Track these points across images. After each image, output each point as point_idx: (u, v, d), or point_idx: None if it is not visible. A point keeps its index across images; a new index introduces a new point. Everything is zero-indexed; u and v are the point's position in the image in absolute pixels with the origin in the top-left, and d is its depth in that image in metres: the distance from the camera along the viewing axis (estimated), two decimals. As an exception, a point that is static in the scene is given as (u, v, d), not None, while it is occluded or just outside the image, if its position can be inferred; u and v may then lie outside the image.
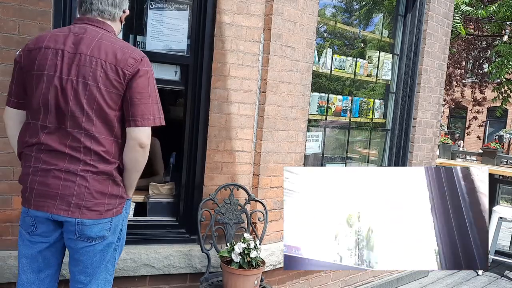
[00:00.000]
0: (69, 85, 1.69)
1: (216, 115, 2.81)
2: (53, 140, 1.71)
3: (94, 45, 1.71)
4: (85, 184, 1.72)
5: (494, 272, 4.81)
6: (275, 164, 3.03)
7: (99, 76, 1.69)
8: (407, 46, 4.11)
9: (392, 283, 4.12)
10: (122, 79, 1.71)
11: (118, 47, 1.74)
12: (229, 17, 2.78)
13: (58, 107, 1.70)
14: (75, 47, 1.71)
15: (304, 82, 3.15)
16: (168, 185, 3.02)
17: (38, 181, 1.72)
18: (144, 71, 1.75)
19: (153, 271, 2.66)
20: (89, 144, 1.71)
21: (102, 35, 1.76)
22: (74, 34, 1.74)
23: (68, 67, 1.69)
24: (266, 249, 2.91)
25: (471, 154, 11.59)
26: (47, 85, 1.70)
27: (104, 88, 1.70)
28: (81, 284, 1.85)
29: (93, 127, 1.71)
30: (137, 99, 1.73)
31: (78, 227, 1.74)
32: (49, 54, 1.71)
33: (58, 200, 1.71)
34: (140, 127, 1.74)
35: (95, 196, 1.74)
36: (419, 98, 4.14)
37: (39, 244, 1.80)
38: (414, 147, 4.19)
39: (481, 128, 18.52)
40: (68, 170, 1.71)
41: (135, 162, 1.80)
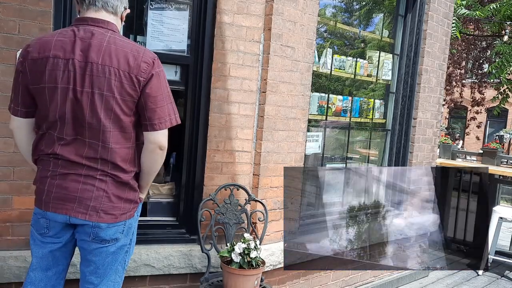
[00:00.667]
0: (85, 97, 1.66)
1: (216, 115, 2.81)
2: (69, 152, 1.71)
3: (104, 51, 1.67)
4: (103, 187, 1.73)
5: (494, 272, 4.81)
6: (275, 164, 3.03)
7: (114, 85, 1.66)
8: (407, 46, 4.11)
9: (392, 283, 4.12)
10: (137, 86, 1.70)
11: (129, 51, 1.70)
12: (229, 17, 2.78)
13: (75, 119, 1.69)
14: (84, 55, 1.66)
15: (304, 82, 3.15)
16: (168, 185, 3.02)
17: (57, 184, 1.73)
18: (157, 74, 1.73)
19: (153, 271, 2.66)
20: (106, 155, 1.72)
21: (109, 37, 1.71)
22: (81, 40, 1.68)
23: (81, 78, 1.65)
24: (266, 249, 2.91)
25: (471, 154, 11.60)
26: (63, 98, 1.67)
27: (120, 97, 1.68)
28: (91, 285, 1.85)
29: (111, 137, 1.71)
30: (152, 103, 1.72)
31: (94, 229, 1.75)
32: (60, 65, 1.65)
33: (76, 203, 1.72)
34: (159, 130, 1.75)
35: (112, 200, 1.75)
36: (419, 98, 4.14)
37: (51, 245, 1.82)
38: (414, 147, 4.19)
39: (480, 129, 18.50)
40: (87, 174, 1.72)
41: (154, 164, 1.82)
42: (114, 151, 1.72)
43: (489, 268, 4.87)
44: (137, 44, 1.80)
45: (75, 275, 2.26)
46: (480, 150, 12.50)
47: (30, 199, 2.33)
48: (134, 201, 1.84)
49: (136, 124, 1.77)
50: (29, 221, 2.34)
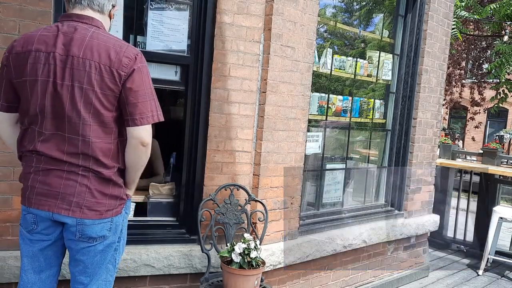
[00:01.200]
0: (65, 90, 1.66)
1: (216, 115, 2.81)
2: (50, 148, 1.70)
3: (85, 46, 1.66)
4: (86, 183, 1.72)
5: (494, 272, 4.81)
6: (276, 164, 3.03)
7: (94, 79, 1.65)
8: (407, 46, 4.11)
9: (392, 283, 4.12)
10: (117, 81, 1.68)
11: (111, 46, 1.69)
12: (229, 17, 2.78)
13: (55, 113, 1.68)
14: (66, 49, 1.66)
15: (304, 82, 3.15)
16: (168, 185, 3.01)
17: (40, 180, 1.72)
18: (139, 69, 1.71)
19: (153, 271, 2.65)
20: (87, 150, 1.70)
21: (92, 33, 1.70)
22: (64, 34, 1.68)
23: (61, 71, 1.65)
24: (266, 249, 2.91)
25: (471, 154, 11.59)
26: (43, 91, 1.67)
27: (100, 91, 1.67)
28: (81, 285, 1.84)
29: (91, 131, 1.69)
30: (134, 98, 1.70)
31: (79, 227, 1.74)
32: (41, 58, 1.66)
33: (59, 199, 1.71)
34: (140, 125, 1.73)
35: (95, 196, 1.73)
36: (419, 98, 4.14)
37: (40, 243, 1.80)
38: (414, 147, 4.19)
39: (477, 130, 18.50)
40: (69, 170, 1.71)
41: (138, 160, 1.80)
42: (95, 146, 1.70)
43: (489, 268, 4.87)
44: (121, 40, 1.78)
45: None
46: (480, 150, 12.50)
47: (30, 199, 2.33)
48: (119, 197, 1.81)
49: (118, 120, 1.75)
50: (29, 221, 2.34)
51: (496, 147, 8.51)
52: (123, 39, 2.57)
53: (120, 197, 1.82)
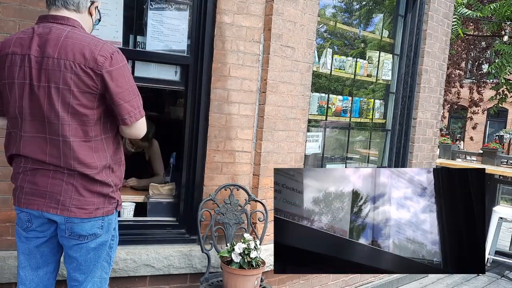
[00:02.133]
0: (42, 91, 1.65)
1: (216, 115, 2.81)
2: (32, 151, 1.71)
3: (60, 46, 1.64)
4: (72, 181, 1.72)
5: (494, 272, 4.80)
6: (275, 164, 3.03)
7: (69, 78, 1.63)
8: (407, 46, 4.11)
9: (392, 283, 4.12)
10: (95, 79, 1.65)
11: (86, 45, 1.66)
12: (229, 17, 2.78)
13: (34, 115, 1.68)
14: (41, 50, 1.65)
15: (304, 82, 3.15)
16: (169, 186, 3.02)
17: (28, 180, 1.74)
18: (116, 69, 1.68)
19: (153, 271, 2.65)
20: (68, 150, 1.69)
21: (67, 32, 1.68)
22: (39, 36, 1.67)
23: (37, 73, 1.65)
24: (266, 249, 2.91)
25: (471, 154, 11.60)
26: (20, 93, 1.67)
27: (77, 90, 1.65)
28: (76, 282, 1.85)
29: (70, 131, 1.68)
30: (120, 98, 1.69)
31: (68, 225, 1.74)
32: (17, 60, 1.66)
33: (47, 198, 1.72)
34: (130, 124, 1.74)
35: (82, 194, 1.73)
36: (419, 98, 4.14)
37: (36, 240, 1.81)
38: (414, 147, 4.19)
39: (476, 130, 18.51)
40: (56, 170, 1.71)
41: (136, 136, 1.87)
42: (76, 145, 1.69)
43: (489, 268, 4.87)
44: (97, 38, 1.73)
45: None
46: (480, 150, 12.50)
47: (30, 199, 2.33)
48: (108, 195, 1.79)
49: (100, 118, 1.73)
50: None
51: (496, 147, 8.51)
52: (123, 39, 2.59)
53: (108, 195, 1.79)
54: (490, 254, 4.83)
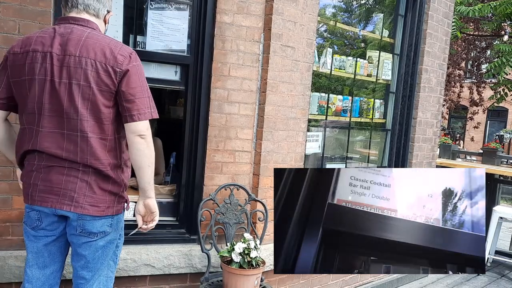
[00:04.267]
0: (63, 87, 1.70)
1: (216, 115, 2.81)
2: (49, 146, 1.73)
3: (81, 45, 1.71)
4: (86, 179, 1.76)
5: (494, 272, 4.80)
6: (275, 164, 3.03)
7: (90, 75, 1.70)
8: (407, 46, 4.11)
9: (392, 283, 4.12)
10: (113, 77, 1.72)
11: (106, 44, 1.75)
12: (229, 17, 2.78)
13: (52, 111, 1.72)
14: (62, 49, 1.71)
15: (304, 82, 3.15)
16: (169, 187, 3.02)
17: (42, 178, 1.76)
18: (134, 67, 1.76)
19: (153, 271, 2.66)
20: (85, 146, 1.73)
21: (88, 33, 1.76)
22: (60, 35, 1.73)
23: (59, 70, 1.70)
24: (266, 249, 2.91)
25: (471, 154, 11.59)
26: (40, 90, 1.71)
27: (97, 87, 1.71)
28: (83, 280, 1.86)
29: (88, 127, 1.73)
30: (132, 94, 1.75)
31: (80, 221, 1.77)
32: (38, 57, 1.71)
33: (61, 195, 1.74)
34: (138, 121, 1.76)
35: (95, 192, 1.77)
36: (419, 98, 4.14)
37: (45, 238, 1.83)
38: (414, 147, 4.19)
39: (476, 130, 18.49)
40: (70, 167, 1.75)
41: (142, 156, 1.79)
42: (93, 141, 1.74)
43: (489, 268, 4.87)
44: (116, 40, 1.83)
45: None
46: (480, 150, 12.50)
47: (30, 199, 2.33)
48: (118, 194, 1.84)
49: (115, 117, 1.79)
50: (29, 221, 2.34)
51: (496, 147, 8.50)
52: (123, 39, 2.60)
53: (118, 194, 1.85)
54: (490, 254, 4.83)
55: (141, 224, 1.96)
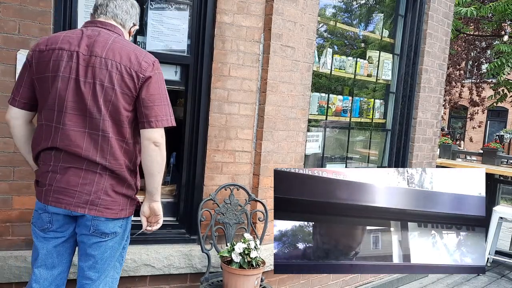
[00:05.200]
0: (87, 87, 1.73)
1: (216, 115, 2.81)
2: (69, 143, 1.74)
3: (108, 48, 1.76)
4: (103, 182, 1.78)
5: (494, 272, 4.80)
6: (275, 164, 3.03)
7: (114, 78, 1.74)
8: (407, 46, 4.11)
9: (393, 283, 4.12)
10: (136, 82, 1.77)
11: (131, 50, 1.80)
12: (229, 17, 2.78)
13: (75, 109, 1.74)
14: (89, 49, 1.75)
15: (304, 82, 3.15)
16: (169, 187, 3.02)
17: (58, 179, 1.76)
18: (156, 74, 1.81)
19: (153, 271, 2.66)
20: (106, 145, 1.76)
21: (115, 38, 1.81)
22: (88, 37, 1.78)
23: (84, 69, 1.74)
24: (266, 249, 2.91)
25: (471, 154, 11.60)
26: (63, 87, 1.73)
27: (119, 90, 1.75)
28: (89, 280, 1.87)
29: (109, 128, 1.76)
30: (151, 101, 1.79)
31: (94, 222, 1.79)
32: (64, 56, 1.75)
33: (76, 197, 1.76)
34: (155, 128, 1.79)
35: (110, 195, 1.80)
36: (419, 98, 4.14)
37: (54, 240, 1.84)
38: (414, 147, 4.19)
39: (476, 130, 18.49)
40: (87, 169, 1.76)
41: (154, 162, 1.84)
42: (113, 142, 1.77)
43: (489, 268, 4.87)
44: (140, 47, 1.90)
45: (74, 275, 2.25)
46: (480, 150, 12.49)
47: (30, 199, 2.33)
48: (131, 197, 1.88)
49: (132, 121, 1.82)
50: (29, 221, 2.34)
51: (496, 147, 8.50)
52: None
53: (132, 197, 1.89)
54: (490, 254, 4.83)
55: (145, 226, 2.01)
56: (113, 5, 1.88)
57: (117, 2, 1.89)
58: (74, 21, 2.45)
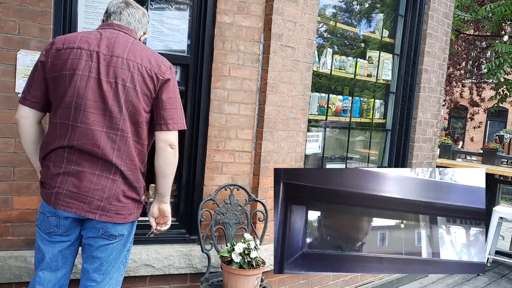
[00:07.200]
0: (108, 86, 1.74)
1: (216, 115, 2.81)
2: (86, 142, 1.73)
3: (129, 50, 1.79)
4: (115, 188, 1.77)
5: (494, 272, 4.80)
6: (275, 164, 3.03)
7: (136, 79, 1.77)
8: (407, 46, 4.11)
9: (393, 283, 4.12)
10: (155, 84, 1.80)
11: (150, 53, 1.84)
12: (229, 17, 2.78)
13: (94, 107, 1.74)
14: (110, 50, 1.77)
15: (304, 82, 3.15)
16: (168, 186, 3.01)
17: (69, 183, 1.74)
18: (173, 78, 1.87)
19: (153, 271, 2.65)
20: (124, 145, 1.77)
21: (133, 41, 1.85)
22: (107, 38, 1.80)
23: (106, 69, 1.75)
24: (266, 249, 2.91)
25: (471, 154, 11.60)
26: (82, 85, 1.73)
27: (140, 91, 1.77)
28: (94, 282, 1.86)
29: (128, 128, 1.77)
30: (169, 104, 1.83)
31: (104, 225, 1.80)
32: (83, 55, 1.75)
33: (86, 203, 1.75)
34: (172, 130, 1.83)
35: (121, 200, 1.80)
36: (419, 98, 4.14)
37: (60, 244, 1.84)
38: (414, 147, 4.19)
39: (477, 130, 18.51)
40: (100, 174, 1.75)
41: (168, 164, 1.86)
42: (130, 142, 1.79)
43: (489, 268, 4.87)
44: (156, 52, 1.93)
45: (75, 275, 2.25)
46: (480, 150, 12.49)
47: (30, 199, 2.33)
48: (139, 201, 1.89)
49: (148, 123, 1.84)
50: (29, 221, 2.35)
51: (496, 147, 8.50)
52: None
53: (139, 200, 1.89)
54: (490, 254, 4.83)
55: (155, 226, 2.03)
56: (127, 13, 1.90)
57: (130, 11, 1.90)
58: (74, 21, 2.46)
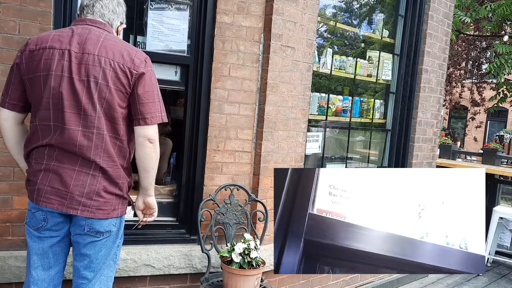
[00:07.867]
0: (81, 85, 1.73)
1: (216, 115, 2.81)
2: (64, 142, 1.74)
3: (100, 45, 1.76)
4: (95, 184, 1.77)
5: (494, 272, 4.80)
6: (275, 164, 3.03)
7: (108, 75, 1.74)
8: (407, 46, 4.11)
9: (393, 283, 4.12)
10: (129, 78, 1.77)
11: (123, 47, 1.80)
12: (229, 17, 2.78)
13: (69, 107, 1.73)
14: (81, 47, 1.74)
15: (304, 82, 3.15)
16: (169, 187, 3.02)
17: (50, 179, 1.75)
18: (149, 71, 1.82)
19: (153, 271, 2.65)
20: (101, 143, 1.76)
21: (106, 35, 1.81)
22: (79, 35, 1.77)
23: (77, 67, 1.73)
24: (266, 249, 2.91)
25: (471, 154, 11.61)
26: (56, 85, 1.72)
27: (114, 87, 1.75)
28: (85, 280, 1.87)
29: (104, 125, 1.76)
30: (145, 98, 1.80)
31: (88, 221, 1.79)
32: (55, 54, 1.73)
33: (68, 199, 1.75)
34: (150, 125, 1.81)
35: (103, 196, 1.79)
36: (419, 98, 4.14)
37: (50, 239, 1.84)
38: (414, 147, 4.19)
39: (478, 130, 18.52)
40: (80, 170, 1.75)
41: (149, 159, 1.85)
42: (108, 139, 1.77)
43: (489, 268, 4.87)
44: (131, 45, 1.91)
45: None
46: (480, 150, 12.51)
47: (30, 199, 2.33)
48: (123, 196, 1.87)
49: (126, 118, 1.82)
50: (29, 221, 2.34)
51: (496, 147, 8.51)
52: (122, 39, 2.60)
53: (123, 196, 1.88)
54: (490, 254, 4.83)
55: (142, 218, 2.05)
56: (99, 5, 1.86)
57: (103, 2, 1.87)
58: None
